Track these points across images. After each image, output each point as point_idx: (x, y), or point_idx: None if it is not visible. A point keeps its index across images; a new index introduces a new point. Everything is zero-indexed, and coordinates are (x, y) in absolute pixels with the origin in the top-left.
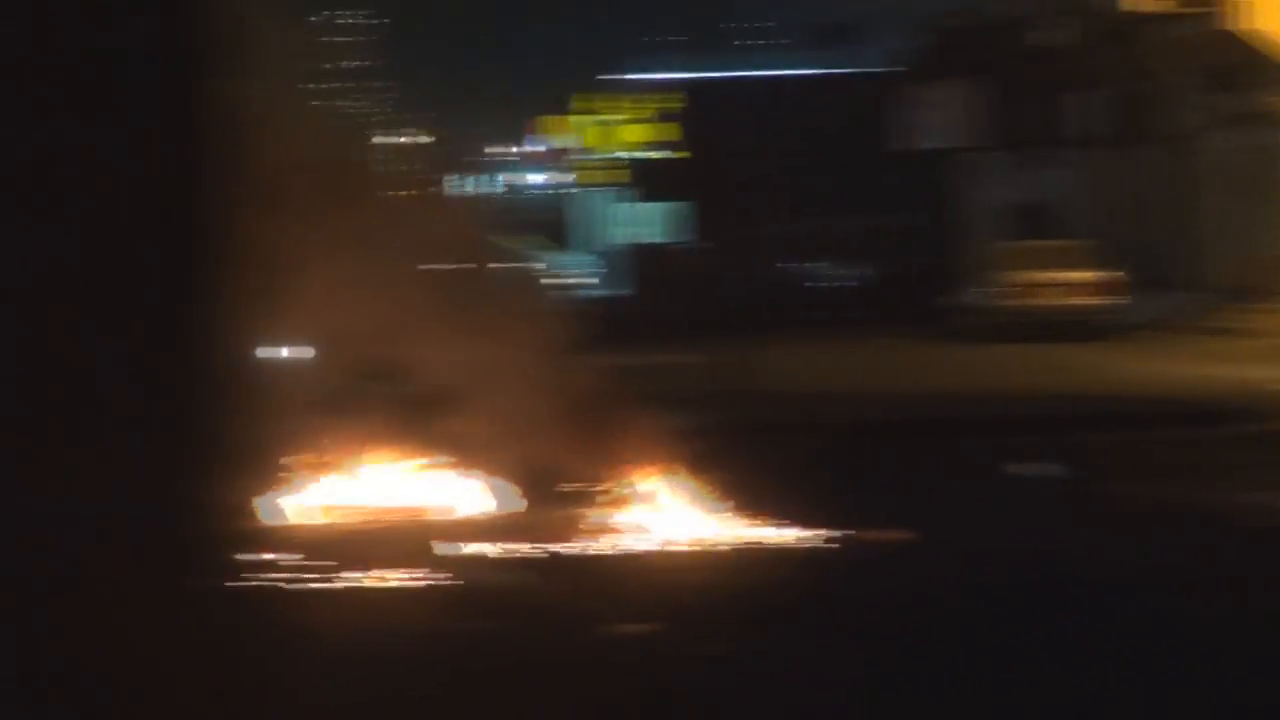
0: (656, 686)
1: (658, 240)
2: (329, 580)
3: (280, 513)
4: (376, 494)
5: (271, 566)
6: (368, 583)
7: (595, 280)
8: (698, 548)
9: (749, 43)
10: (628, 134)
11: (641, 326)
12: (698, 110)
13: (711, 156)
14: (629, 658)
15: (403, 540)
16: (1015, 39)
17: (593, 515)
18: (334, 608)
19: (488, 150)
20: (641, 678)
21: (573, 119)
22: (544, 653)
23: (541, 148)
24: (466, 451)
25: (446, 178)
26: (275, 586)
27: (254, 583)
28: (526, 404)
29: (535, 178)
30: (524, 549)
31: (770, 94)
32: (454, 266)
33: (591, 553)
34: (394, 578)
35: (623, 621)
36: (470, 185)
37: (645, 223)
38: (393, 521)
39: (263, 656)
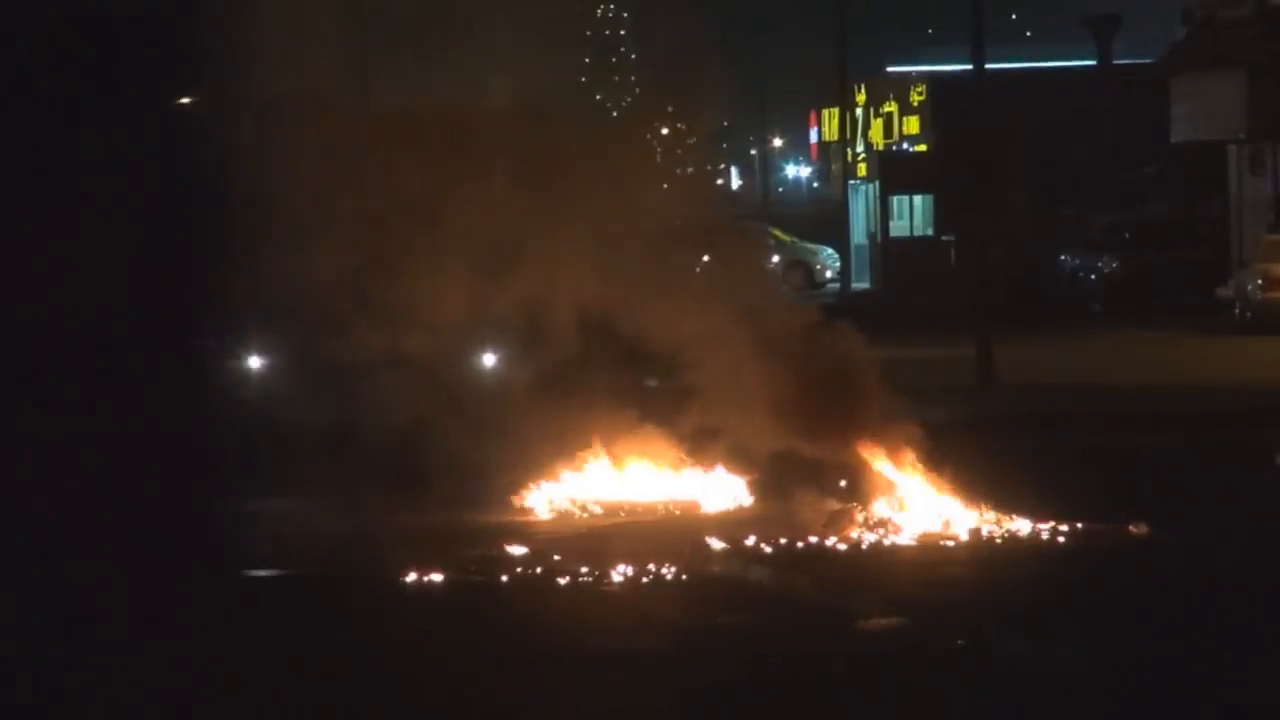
0: (905, 678)
1: (910, 234)
2: (585, 576)
3: (539, 507)
4: (630, 489)
5: (530, 561)
6: (625, 578)
7: (839, 274)
8: (948, 541)
9: (1024, 34)
10: (893, 127)
11: (891, 320)
12: (963, 102)
13: (973, 148)
14: (879, 649)
15: (656, 535)
16: None
17: (845, 509)
18: (592, 603)
19: (754, 141)
20: (889, 673)
21: (838, 112)
22: (799, 646)
23: (811, 140)
24: (719, 445)
25: (718, 169)
26: (536, 581)
27: (514, 576)
28: (783, 395)
29: (802, 170)
30: (776, 543)
31: (1036, 85)
32: (727, 258)
33: (842, 546)
34: (650, 573)
35: (872, 615)
36: (739, 177)
37: (902, 215)
38: (646, 517)
39: (526, 653)
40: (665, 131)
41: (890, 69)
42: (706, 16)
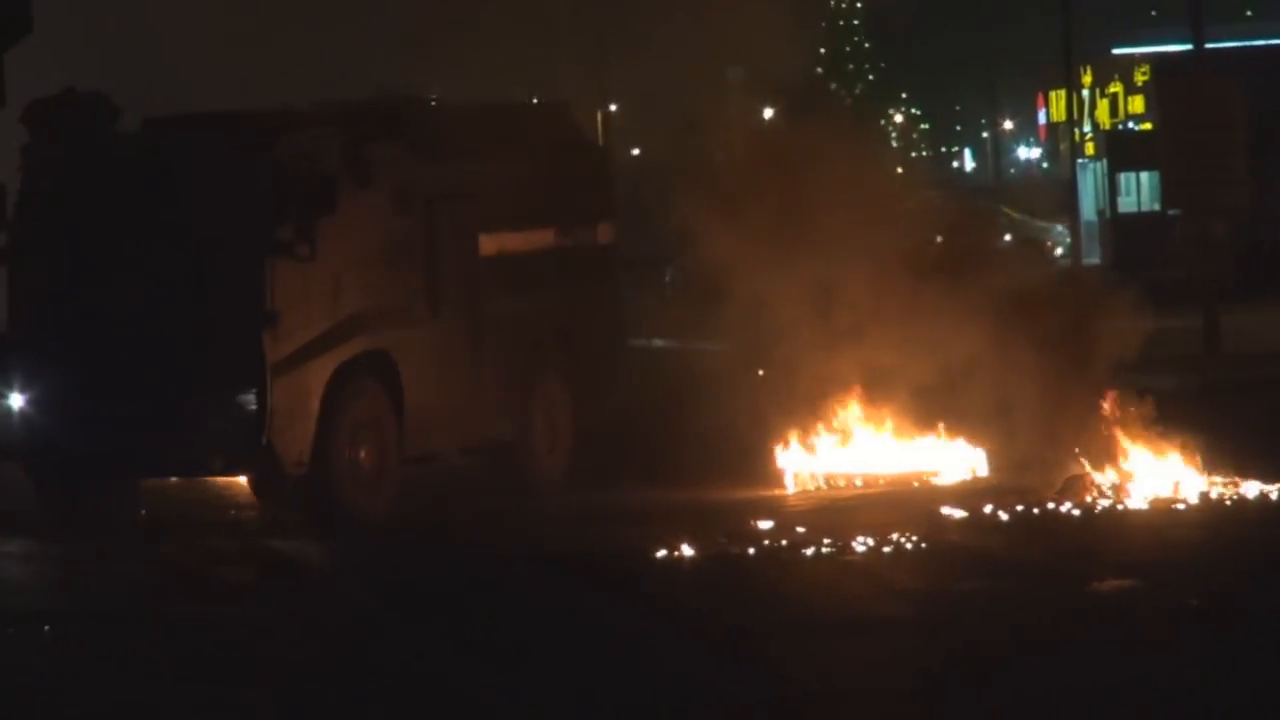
0: (1134, 640)
1: (1138, 209)
2: (828, 546)
3: (785, 480)
4: (870, 461)
5: (778, 534)
6: (867, 548)
7: (1070, 250)
8: (1179, 505)
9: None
10: (1119, 107)
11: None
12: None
13: (1195, 125)
14: (1110, 612)
15: (896, 506)
16: None
17: (1078, 476)
18: (835, 572)
19: (985, 124)
20: (1119, 631)
21: (1065, 93)
22: (1036, 610)
23: (1039, 122)
24: (954, 418)
25: (948, 151)
26: (781, 552)
27: (765, 548)
28: (1018, 365)
29: (1032, 151)
30: (1011, 510)
31: (1258, 62)
32: (955, 237)
33: (1076, 512)
34: (890, 542)
35: (1106, 578)
36: (970, 159)
37: (1130, 192)
38: (887, 488)
39: (771, 621)
40: (899, 118)
41: (1115, 50)
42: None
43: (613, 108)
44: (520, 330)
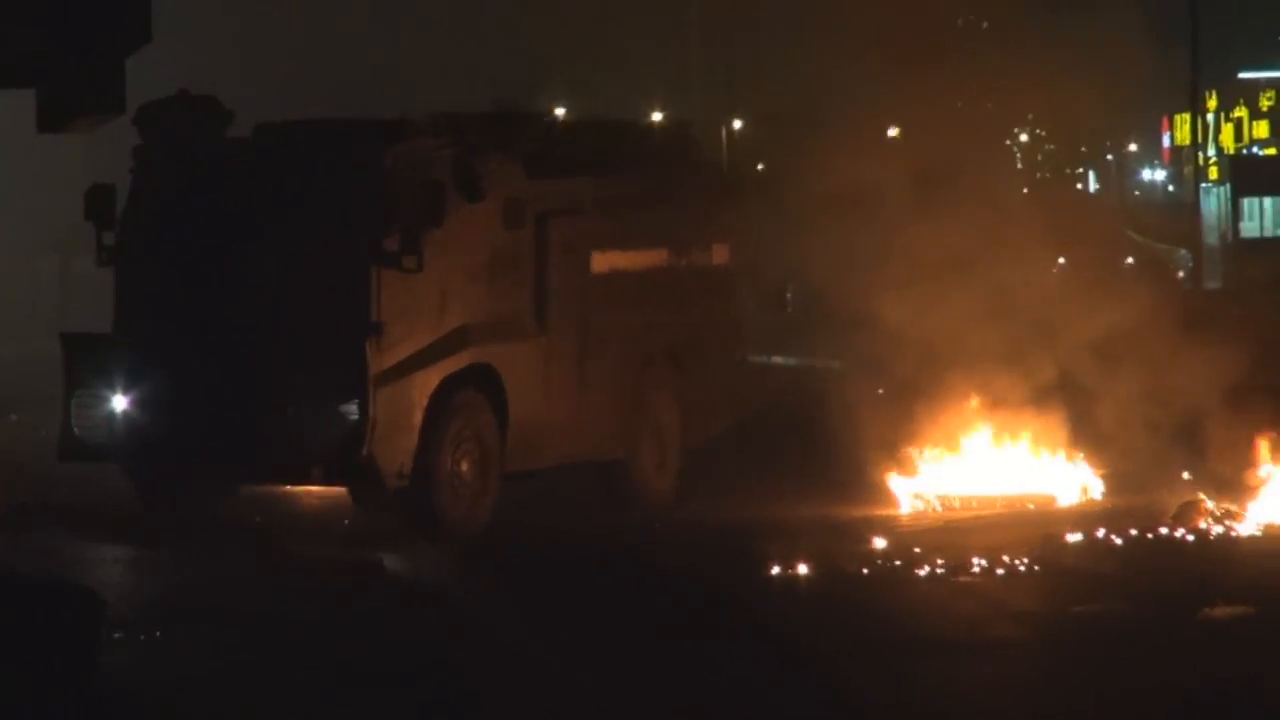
0: (1243, 672)
1: (1260, 234)
2: (941, 567)
3: (899, 500)
4: (984, 481)
5: (891, 553)
6: (981, 569)
7: (1191, 274)
8: None
9: None
10: (1243, 131)
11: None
12: None
13: None
14: (1224, 639)
15: (1010, 528)
16: None
17: (1193, 501)
18: (948, 593)
19: (1110, 146)
20: (1233, 657)
21: (1190, 117)
22: (1149, 634)
23: (1164, 145)
24: (1077, 439)
25: (1073, 173)
26: (895, 572)
27: (878, 568)
28: (1139, 391)
29: (1157, 174)
30: (1126, 535)
31: None
32: (1089, 261)
33: (1191, 538)
34: (1004, 564)
35: (1218, 603)
36: (1094, 181)
37: (1253, 217)
38: (1002, 510)
39: (883, 640)
40: (1024, 138)
41: (1241, 74)
42: (1063, 20)
43: (737, 124)
44: (630, 347)
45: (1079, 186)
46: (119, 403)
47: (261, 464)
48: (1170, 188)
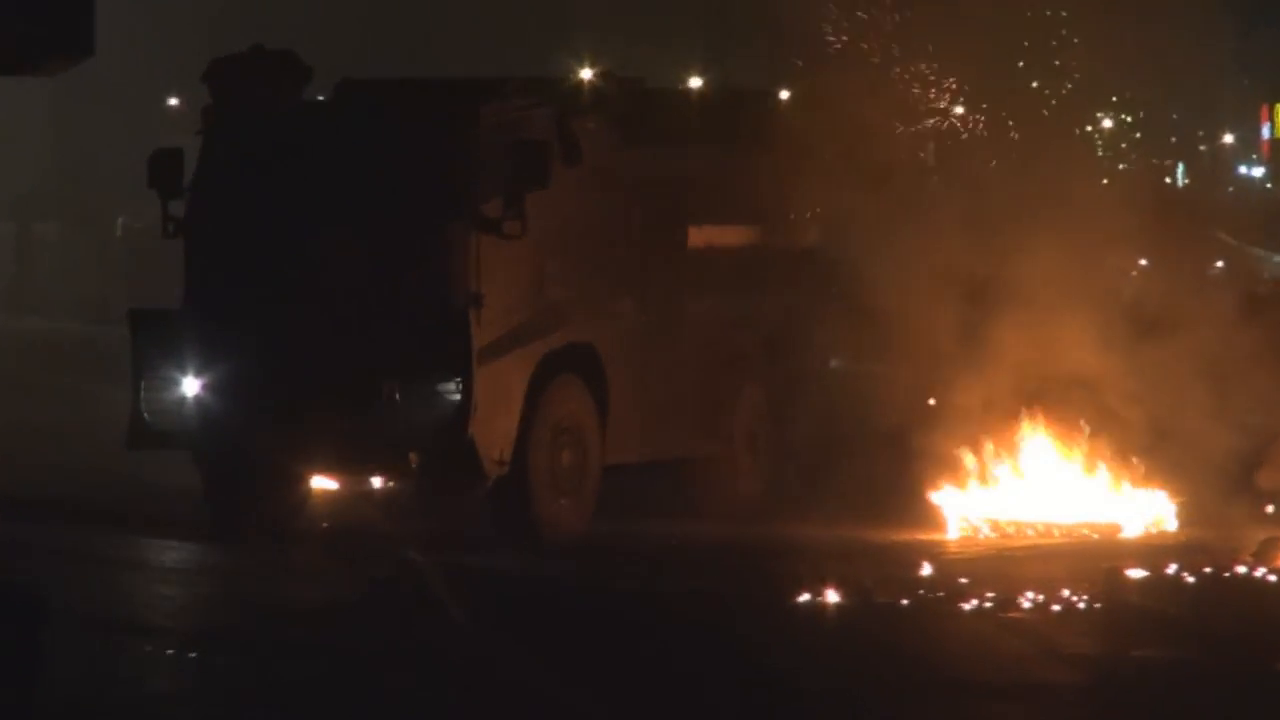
0: None
1: None
2: (990, 600)
3: (947, 522)
4: (1042, 508)
5: (935, 583)
6: (1034, 604)
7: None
8: None
9: None
10: None
11: None
12: None
13: None
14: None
15: (1070, 559)
16: None
17: (1274, 537)
18: (996, 630)
19: (1204, 137)
20: None
21: None
22: (1218, 685)
23: (1263, 136)
24: (1142, 465)
25: (1162, 165)
26: (938, 604)
27: (919, 599)
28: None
29: (1255, 170)
30: (1199, 572)
31: None
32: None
33: (1272, 578)
34: (1060, 600)
35: None
36: (1183, 175)
37: None
38: (1059, 540)
39: (919, 681)
40: (1107, 124)
41: None
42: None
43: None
44: (725, 337)
45: (1166, 180)
46: (189, 387)
47: (349, 451)
48: (1269, 185)
